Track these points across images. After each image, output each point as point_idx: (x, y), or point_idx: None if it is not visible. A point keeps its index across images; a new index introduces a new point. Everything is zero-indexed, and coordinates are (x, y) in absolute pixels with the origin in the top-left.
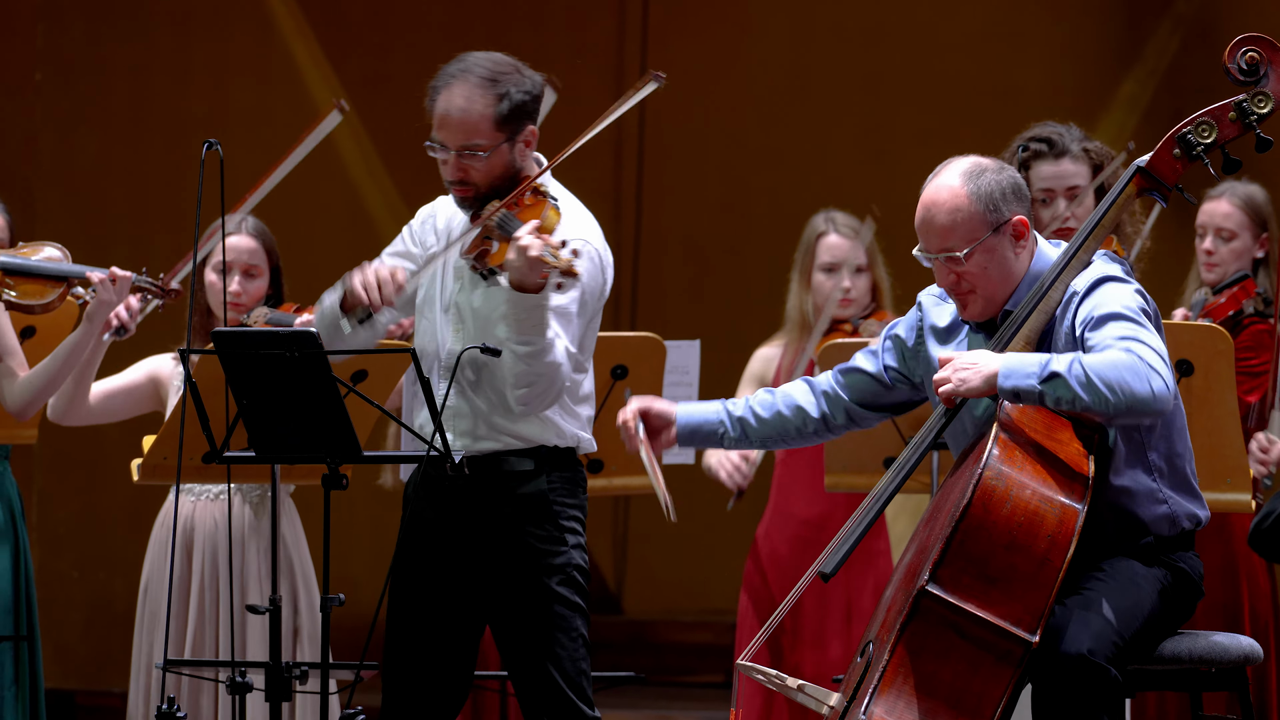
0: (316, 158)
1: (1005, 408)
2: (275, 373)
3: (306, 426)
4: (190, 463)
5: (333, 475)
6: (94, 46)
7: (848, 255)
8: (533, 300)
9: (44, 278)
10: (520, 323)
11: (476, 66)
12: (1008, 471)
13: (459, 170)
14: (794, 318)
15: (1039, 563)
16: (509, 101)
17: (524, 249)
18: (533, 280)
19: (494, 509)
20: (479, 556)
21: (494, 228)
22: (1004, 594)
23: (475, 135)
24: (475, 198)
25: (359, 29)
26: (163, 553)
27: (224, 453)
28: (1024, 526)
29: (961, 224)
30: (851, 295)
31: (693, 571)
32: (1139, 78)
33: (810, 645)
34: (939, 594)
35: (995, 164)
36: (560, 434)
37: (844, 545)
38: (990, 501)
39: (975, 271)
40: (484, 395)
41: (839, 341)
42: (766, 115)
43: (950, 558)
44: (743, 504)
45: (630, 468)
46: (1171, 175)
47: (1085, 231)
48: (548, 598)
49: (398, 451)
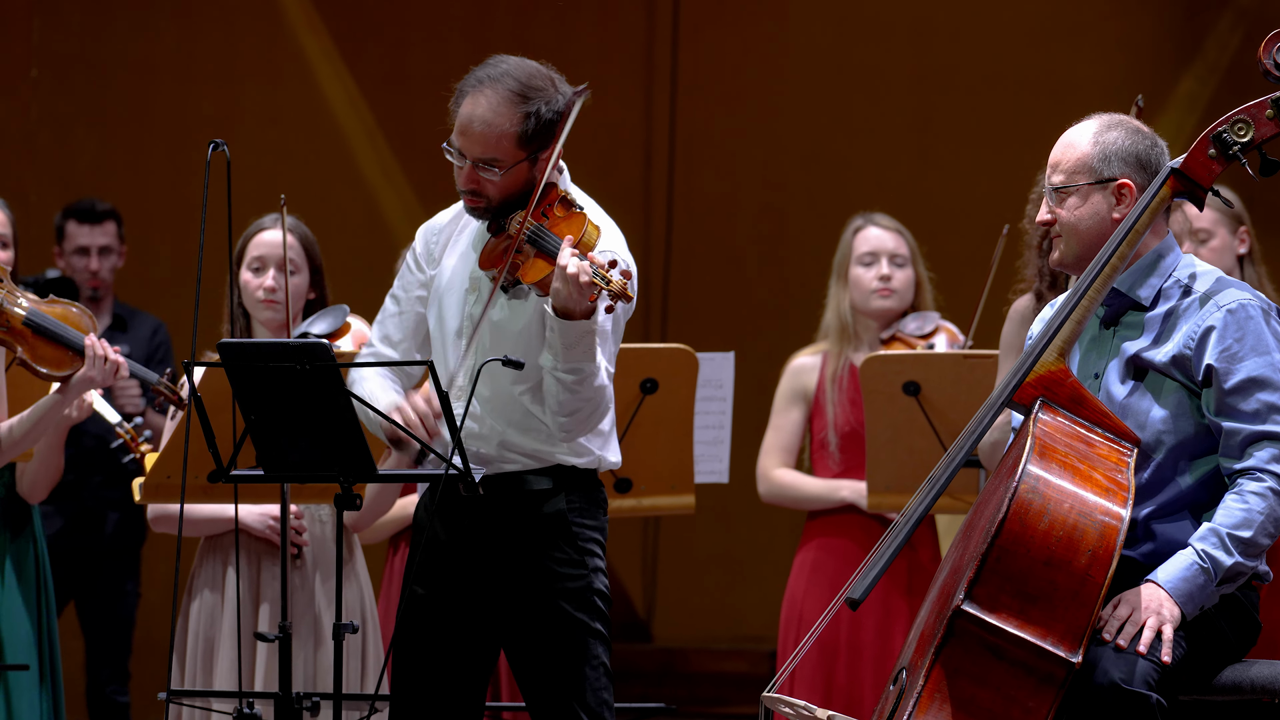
0: (330, 159)
1: (1039, 419)
2: (285, 387)
3: (318, 443)
4: (195, 482)
5: (345, 495)
6: (93, 42)
7: (887, 244)
8: (582, 327)
9: (66, 347)
10: (568, 350)
11: (508, 77)
12: (1044, 485)
13: (472, 181)
14: (833, 323)
15: (1080, 579)
16: (536, 121)
17: (572, 276)
18: (581, 305)
19: (511, 531)
20: (494, 580)
21: (526, 244)
22: (1044, 613)
23: (494, 150)
24: (486, 209)
25: (375, 23)
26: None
27: (230, 471)
28: (1063, 541)
29: (1070, 161)
30: (891, 285)
31: (727, 596)
32: (1199, 75)
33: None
34: (975, 614)
35: (1138, 131)
36: (580, 452)
37: (874, 569)
38: (1027, 516)
39: (1066, 215)
40: (501, 412)
41: (884, 354)
42: (806, 114)
43: (986, 576)
44: (782, 523)
45: (660, 486)
46: (1207, 177)
47: (1119, 238)
48: (567, 623)
49: (413, 470)
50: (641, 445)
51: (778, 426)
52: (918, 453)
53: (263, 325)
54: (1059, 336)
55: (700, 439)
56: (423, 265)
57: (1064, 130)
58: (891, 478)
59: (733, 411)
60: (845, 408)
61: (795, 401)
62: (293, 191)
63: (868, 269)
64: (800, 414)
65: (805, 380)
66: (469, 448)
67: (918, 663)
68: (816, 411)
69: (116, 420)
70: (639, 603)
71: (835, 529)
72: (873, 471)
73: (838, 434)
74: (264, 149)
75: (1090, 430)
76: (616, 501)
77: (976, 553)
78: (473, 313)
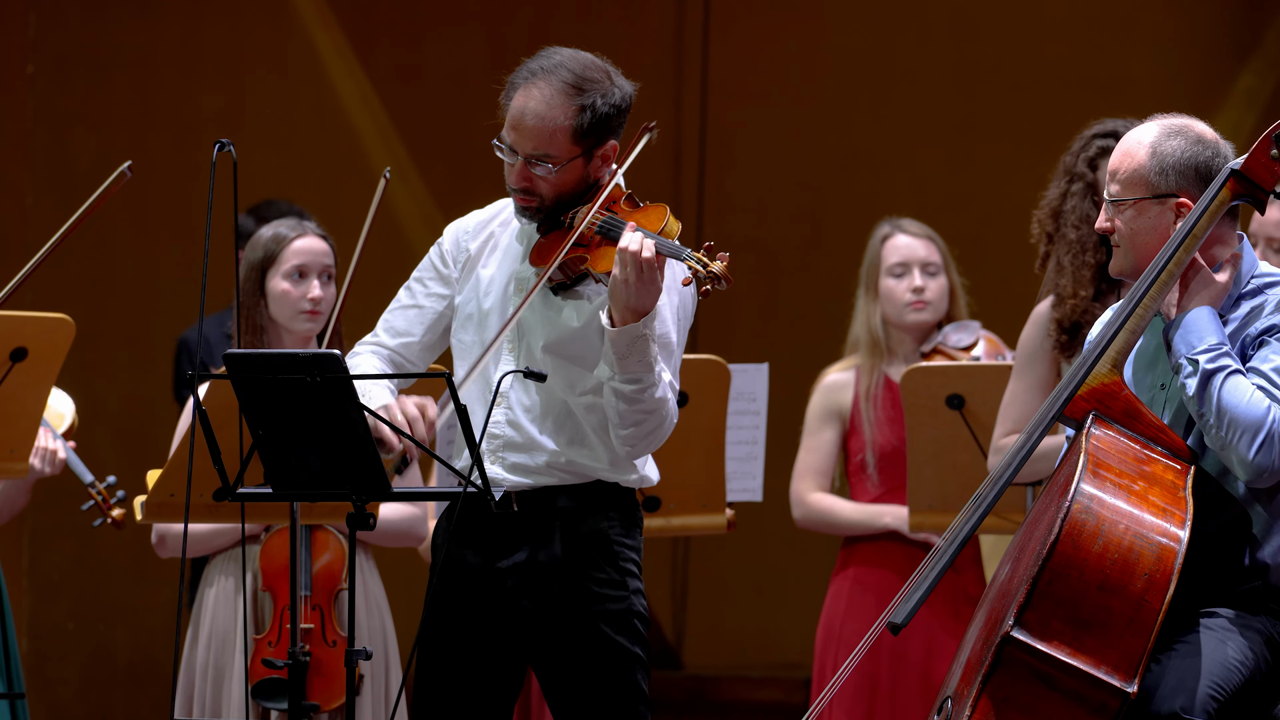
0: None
1: (1092, 434)
2: (294, 399)
3: (329, 460)
4: (200, 500)
5: (359, 514)
6: (92, 36)
7: (918, 253)
8: (632, 332)
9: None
10: (624, 360)
11: (561, 69)
12: (1099, 504)
13: (524, 178)
14: (863, 337)
15: (1136, 604)
16: (592, 114)
17: (634, 255)
18: (644, 295)
19: (547, 549)
20: (527, 603)
21: (596, 234)
22: (1098, 639)
23: (548, 146)
24: (538, 209)
25: (388, 16)
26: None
27: (237, 489)
28: (1118, 564)
29: (1127, 172)
30: (926, 297)
31: (761, 620)
32: (1258, 69)
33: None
34: (1026, 640)
35: (1200, 140)
36: (625, 469)
37: (917, 592)
38: (1080, 537)
39: (1123, 226)
40: (546, 422)
41: (925, 366)
42: (842, 112)
43: (1037, 600)
44: (818, 544)
45: (690, 505)
46: (1270, 179)
47: (1175, 243)
48: (606, 648)
49: (433, 488)
50: (671, 461)
51: (811, 447)
52: (962, 469)
53: (298, 336)
54: (1112, 347)
55: (733, 455)
56: (448, 261)
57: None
58: (934, 496)
59: (767, 426)
60: (882, 425)
61: (829, 420)
62: (302, 194)
63: (899, 280)
64: (834, 433)
65: (839, 398)
66: (506, 458)
67: (964, 692)
68: (852, 431)
69: (89, 480)
70: (668, 627)
71: (874, 556)
72: (914, 490)
73: (876, 454)
74: (272, 149)
75: (1146, 446)
76: (645, 520)
77: (1026, 576)
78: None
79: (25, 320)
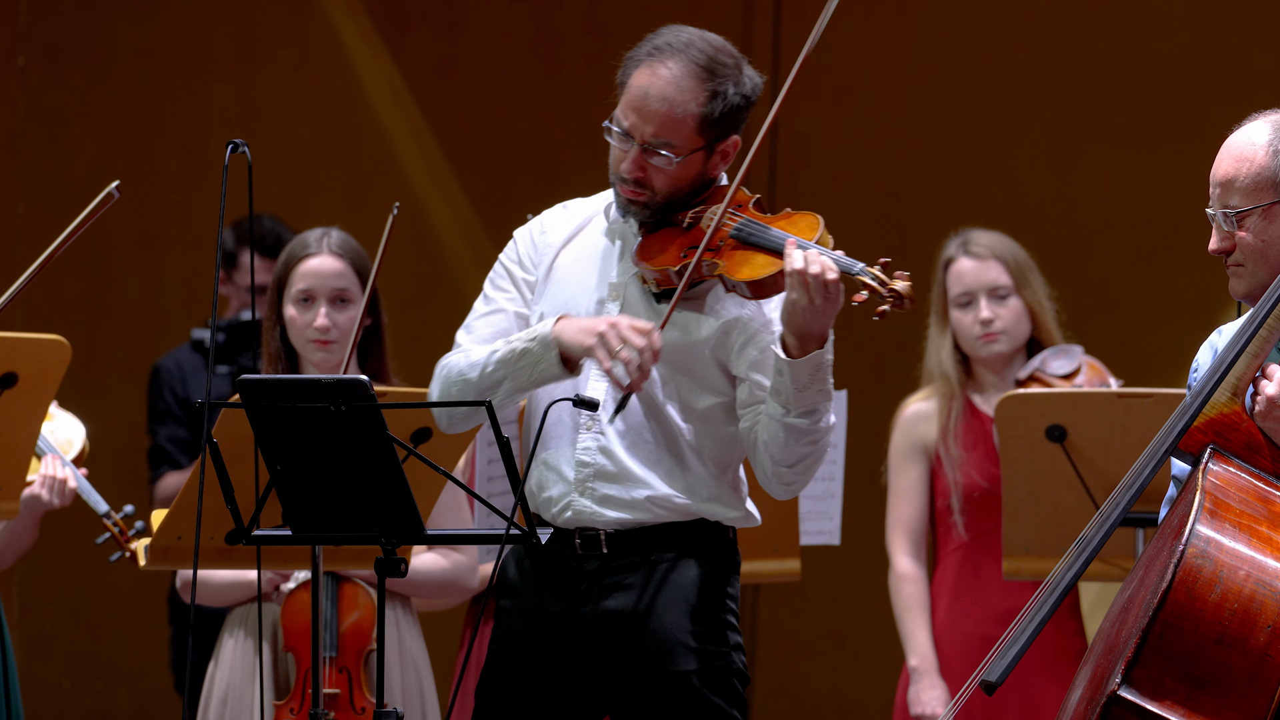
0: (370, 161)
1: (1210, 470)
2: (317, 431)
3: (356, 498)
4: (210, 544)
5: (389, 559)
6: (89, 26)
7: (983, 278)
8: (815, 360)
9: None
10: (803, 392)
11: (692, 48)
12: (1216, 548)
13: (639, 167)
14: (933, 371)
15: (1258, 660)
16: (723, 103)
17: (815, 277)
18: (825, 318)
19: (638, 596)
20: (612, 656)
21: (731, 237)
22: (1215, 699)
23: (672, 133)
24: (647, 204)
25: (422, 4)
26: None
27: (252, 532)
28: (1238, 615)
29: (1248, 177)
30: (995, 328)
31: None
32: None
33: None
34: (1135, 700)
35: None
36: (733, 505)
37: (1014, 647)
38: (1196, 586)
39: (1249, 239)
40: (643, 451)
41: (1022, 393)
42: (931, 112)
43: (1147, 655)
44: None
45: (760, 549)
46: None
47: None
48: (702, 710)
49: (475, 529)
50: None
51: (899, 490)
52: (1064, 509)
53: (314, 366)
54: (1233, 373)
55: (807, 493)
56: (525, 264)
57: (1233, 129)
58: (1032, 539)
59: (844, 456)
60: (966, 466)
61: (914, 457)
62: (326, 200)
63: (965, 311)
64: (921, 470)
65: (922, 431)
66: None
67: None
68: (936, 469)
69: (104, 510)
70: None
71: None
72: (1010, 531)
73: (961, 496)
74: (291, 150)
75: (1270, 485)
76: None
77: (1136, 628)
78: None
79: (15, 342)
